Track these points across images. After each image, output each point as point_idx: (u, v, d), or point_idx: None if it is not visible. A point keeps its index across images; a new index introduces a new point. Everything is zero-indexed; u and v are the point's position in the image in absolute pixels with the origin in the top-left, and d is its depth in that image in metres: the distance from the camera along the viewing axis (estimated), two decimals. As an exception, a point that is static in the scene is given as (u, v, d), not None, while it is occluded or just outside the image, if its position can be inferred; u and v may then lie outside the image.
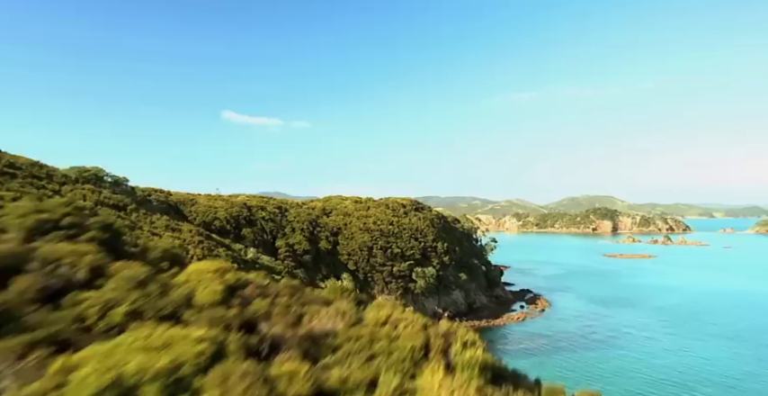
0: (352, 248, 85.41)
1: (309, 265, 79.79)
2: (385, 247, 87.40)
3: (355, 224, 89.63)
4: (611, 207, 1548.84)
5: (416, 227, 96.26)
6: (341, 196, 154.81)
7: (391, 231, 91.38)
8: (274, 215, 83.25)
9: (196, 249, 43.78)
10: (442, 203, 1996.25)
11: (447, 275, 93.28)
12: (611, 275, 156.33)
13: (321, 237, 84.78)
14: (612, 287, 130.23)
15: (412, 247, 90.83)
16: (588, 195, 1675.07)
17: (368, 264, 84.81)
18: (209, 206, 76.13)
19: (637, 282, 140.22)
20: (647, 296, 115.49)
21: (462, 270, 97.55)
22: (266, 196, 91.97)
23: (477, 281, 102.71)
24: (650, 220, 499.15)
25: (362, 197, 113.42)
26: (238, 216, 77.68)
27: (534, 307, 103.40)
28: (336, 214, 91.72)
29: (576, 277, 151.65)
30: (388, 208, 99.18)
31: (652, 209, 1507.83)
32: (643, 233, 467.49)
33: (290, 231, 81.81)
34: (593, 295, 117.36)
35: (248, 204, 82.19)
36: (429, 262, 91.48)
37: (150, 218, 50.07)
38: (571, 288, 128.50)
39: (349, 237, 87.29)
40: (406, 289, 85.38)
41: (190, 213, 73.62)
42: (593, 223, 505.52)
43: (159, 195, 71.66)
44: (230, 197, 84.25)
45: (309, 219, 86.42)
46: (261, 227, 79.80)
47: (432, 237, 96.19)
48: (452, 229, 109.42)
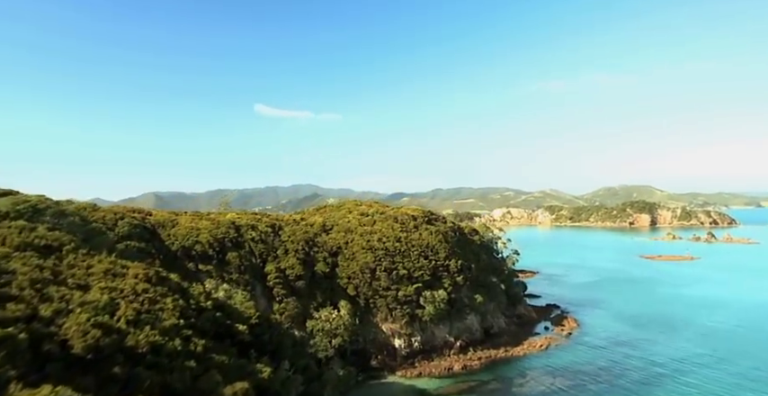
0: (353, 271, 77.11)
1: (303, 291, 71.95)
2: (390, 269, 78.77)
3: (358, 242, 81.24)
4: (649, 198, 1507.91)
5: (427, 243, 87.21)
6: (356, 201, 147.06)
7: (398, 250, 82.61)
8: (266, 235, 75.59)
9: (129, 308, 36.28)
10: (475, 194, 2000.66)
11: (460, 298, 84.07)
12: (649, 284, 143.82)
13: (318, 258, 76.75)
14: (650, 301, 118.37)
15: (421, 268, 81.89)
16: (625, 185, 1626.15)
17: (370, 288, 76.38)
18: (190, 228, 68.97)
19: (678, 293, 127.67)
20: (691, 314, 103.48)
21: (478, 290, 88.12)
22: (259, 213, 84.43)
23: (496, 300, 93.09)
24: (692, 213, 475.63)
25: (373, 207, 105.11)
26: (224, 238, 70.32)
27: (560, 329, 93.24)
28: (337, 231, 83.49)
29: (609, 286, 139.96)
30: (397, 221, 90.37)
31: (693, 199, 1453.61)
32: (684, 228, 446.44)
33: (282, 254, 74.04)
34: (628, 313, 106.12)
35: (237, 224, 74.76)
36: (440, 283, 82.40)
37: (90, 260, 42.81)
38: (603, 302, 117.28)
39: (350, 257, 78.99)
40: (413, 316, 76.65)
41: (168, 237, 66.61)
42: (630, 217, 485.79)
43: (133, 219, 64.72)
44: (218, 215, 76.98)
45: (306, 238, 78.46)
46: (249, 249, 72.30)
47: (444, 254, 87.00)
48: (469, 243, 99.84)
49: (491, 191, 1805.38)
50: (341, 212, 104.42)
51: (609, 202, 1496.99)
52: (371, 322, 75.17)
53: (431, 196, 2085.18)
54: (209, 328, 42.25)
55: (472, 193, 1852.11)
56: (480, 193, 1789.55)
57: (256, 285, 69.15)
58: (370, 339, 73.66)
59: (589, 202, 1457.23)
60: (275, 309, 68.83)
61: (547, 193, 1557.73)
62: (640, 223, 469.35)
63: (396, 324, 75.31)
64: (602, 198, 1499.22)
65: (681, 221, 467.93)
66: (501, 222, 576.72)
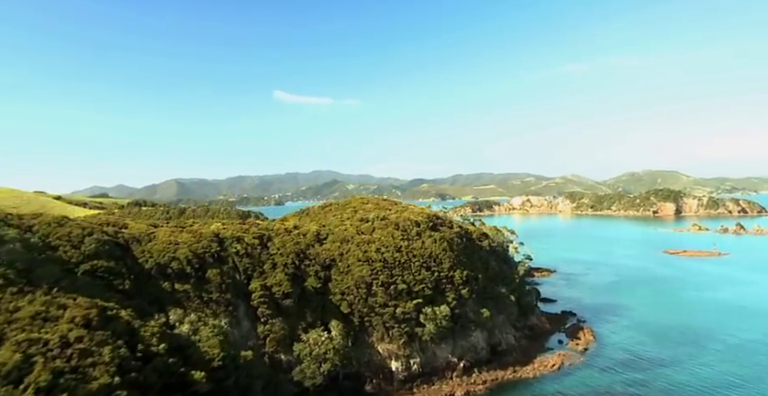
0: (347, 286, 71.17)
1: (291, 310, 66.33)
2: (388, 283, 72.62)
3: (354, 253, 75.16)
4: (674, 183, 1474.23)
5: (430, 252, 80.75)
6: (363, 199, 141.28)
7: (397, 261, 76.35)
8: (252, 248, 69.94)
9: (46, 370, 30.73)
10: (495, 180, 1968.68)
11: (465, 313, 77.67)
12: (673, 285, 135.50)
13: (309, 272, 70.95)
14: (673, 307, 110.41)
15: (422, 281, 75.56)
16: (650, 170, 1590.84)
17: (365, 304, 70.41)
18: (168, 243, 63.59)
19: (705, 297, 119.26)
20: (718, 324, 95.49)
21: (486, 303, 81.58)
22: (248, 223, 78.76)
23: (506, 313, 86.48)
24: (719, 201, 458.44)
25: (374, 210, 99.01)
26: (204, 253, 64.85)
27: (575, 343, 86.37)
28: (332, 241, 77.46)
29: (629, 288, 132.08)
30: (398, 228, 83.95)
31: (721, 184, 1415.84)
32: (711, 217, 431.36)
33: (269, 269, 68.36)
34: (649, 322, 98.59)
35: (221, 236, 69.20)
36: (442, 297, 76.08)
37: (19, 301, 37.30)
38: (622, 308, 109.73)
39: (344, 271, 73.02)
40: (412, 335, 70.59)
41: (142, 254, 61.37)
42: (654, 206, 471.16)
43: (103, 234, 59.46)
44: (201, 226, 71.47)
45: (297, 250, 72.64)
46: (233, 265, 66.79)
47: (448, 264, 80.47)
48: (477, 249, 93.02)
49: (511, 176, 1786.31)
50: (346, 211, 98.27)
51: (632, 187, 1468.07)
52: (366, 343, 69.40)
53: (450, 182, 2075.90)
54: (155, 380, 36.66)
55: (492, 178, 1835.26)
56: (500, 178, 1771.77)
57: (239, 305, 63.74)
58: (364, 362, 67.97)
59: (612, 187, 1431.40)
60: (260, 331, 63.45)
61: (568, 179, 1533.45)
62: (664, 212, 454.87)
63: (393, 344, 69.41)
64: (626, 184, 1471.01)
65: (707, 210, 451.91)
66: (521, 211, 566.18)
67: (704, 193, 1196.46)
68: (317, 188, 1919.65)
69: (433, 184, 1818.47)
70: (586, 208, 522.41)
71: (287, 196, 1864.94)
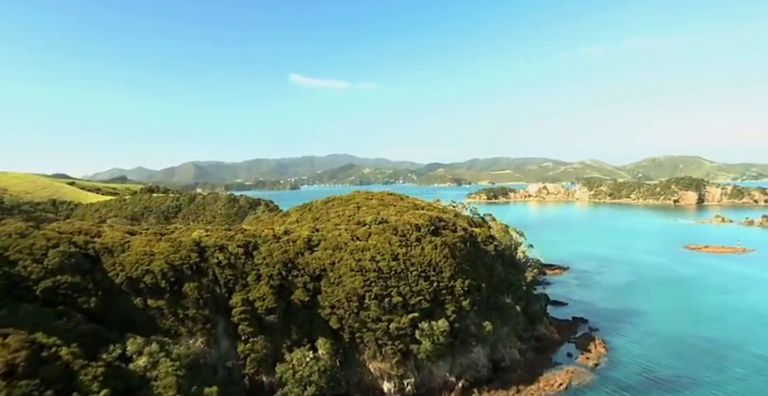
0: (338, 298, 66.19)
1: (276, 326, 61.65)
2: (381, 296, 67.46)
3: (346, 262, 69.98)
4: (697, 169, 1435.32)
5: (429, 259, 75.23)
6: (367, 194, 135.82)
7: (394, 270, 71.02)
8: (236, 258, 65.11)
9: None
10: (512, 165, 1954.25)
11: (466, 326, 72.35)
12: (693, 287, 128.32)
13: (297, 284, 66.03)
14: (693, 314, 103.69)
15: (419, 292, 70.25)
16: (672, 156, 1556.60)
17: (356, 319, 65.46)
18: (143, 253, 59.03)
19: (729, 303, 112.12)
20: (746, 337, 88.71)
21: (489, 315, 76.11)
22: (234, 229, 73.73)
23: (510, 324, 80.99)
24: (744, 190, 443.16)
25: (372, 210, 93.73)
26: (182, 264, 60.21)
27: (585, 357, 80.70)
28: (323, 248, 72.29)
29: (646, 290, 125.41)
30: (396, 233, 78.42)
31: (746, 170, 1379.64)
32: (735, 206, 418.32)
33: (253, 281, 63.58)
34: (666, 332, 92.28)
35: (203, 244, 64.45)
36: (441, 310, 70.75)
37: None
38: (638, 315, 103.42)
39: (335, 282, 67.98)
40: (406, 353, 65.63)
41: (113, 267, 56.91)
42: (675, 194, 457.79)
43: (71, 246, 55.03)
44: (182, 233, 66.66)
45: (284, 259, 67.67)
46: (213, 277, 62.11)
47: (449, 272, 74.94)
48: (482, 254, 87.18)
49: (529, 161, 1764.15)
50: (348, 207, 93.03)
51: (653, 173, 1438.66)
52: (357, 361, 64.63)
53: (467, 167, 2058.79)
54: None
55: (509, 163, 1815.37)
56: (518, 163, 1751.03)
57: (218, 322, 59.23)
58: (354, 382, 63.32)
59: (632, 173, 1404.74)
60: (240, 350, 58.98)
61: (587, 164, 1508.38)
62: (686, 201, 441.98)
63: (385, 363, 64.55)
64: (646, 170, 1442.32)
65: (731, 199, 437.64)
66: (537, 198, 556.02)
67: (728, 179, 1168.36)
68: (332, 172, 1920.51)
69: (450, 168, 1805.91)
70: (605, 196, 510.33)
71: (303, 180, 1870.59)
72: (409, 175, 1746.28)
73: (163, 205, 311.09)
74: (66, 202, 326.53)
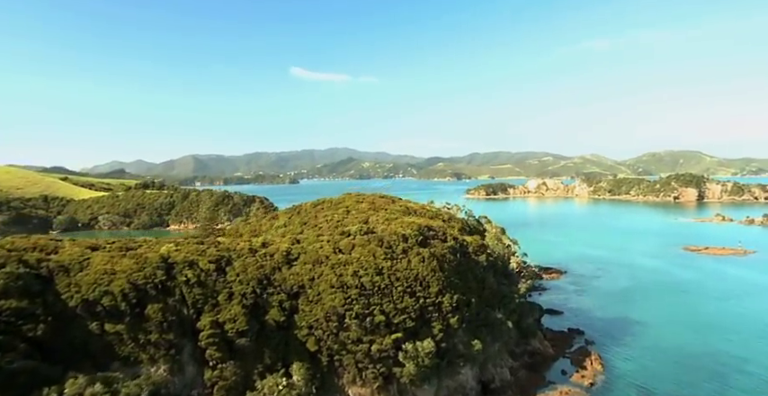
0: (316, 318, 61.99)
1: (247, 350, 57.44)
2: (363, 314, 63.28)
3: (327, 278, 65.75)
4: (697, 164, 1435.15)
5: (416, 273, 71.05)
6: (358, 197, 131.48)
7: (377, 286, 66.85)
8: (207, 274, 60.82)
9: None
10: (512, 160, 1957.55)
11: (453, 345, 68.27)
12: (694, 294, 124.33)
13: (272, 303, 61.79)
14: (695, 324, 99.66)
15: (404, 310, 66.09)
16: (672, 151, 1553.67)
17: (336, 340, 61.33)
18: (103, 272, 54.72)
19: (731, 311, 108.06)
20: (749, 351, 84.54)
21: (478, 332, 72.01)
22: (207, 242, 69.21)
23: (502, 340, 76.96)
24: (744, 187, 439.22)
25: (358, 226, 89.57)
26: (146, 283, 55.91)
27: (581, 375, 76.71)
28: (303, 262, 67.99)
29: (644, 297, 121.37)
30: (382, 244, 74.10)
31: (746, 165, 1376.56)
32: (735, 203, 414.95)
33: (224, 300, 59.32)
34: (666, 345, 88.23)
35: (171, 260, 60.14)
36: (427, 329, 66.64)
37: None
38: (635, 326, 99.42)
39: (313, 299, 63.76)
40: (389, 377, 61.54)
41: (67, 288, 52.59)
42: (675, 191, 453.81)
43: (19, 266, 50.68)
44: (148, 249, 62.26)
45: (260, 275, 63.40)
46: (180, 297, 57.83)
47: (437, 287, 70.79)
48: (472, 265, 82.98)
49: (529, 156, 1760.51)
50: (338, 211, 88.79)
51: (653, 168, 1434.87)
52: (335, 386, 60.50)
53: (467, 161, 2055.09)
54: None
55: (510, 157, 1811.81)
56: (518, 158, 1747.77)
57: (184, 346, 55.01)
58: (331, 409, 59.25)
59: (632, 168, 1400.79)
60: (207, 377, 54.80)
61: (587, 159, 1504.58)
62: (686, 198, 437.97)
63: (366, 388, 60.47)
64: (646, 164, 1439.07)
65: (731, 196, 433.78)
66: (536, 194, 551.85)
67: (728, 174, 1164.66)
68: (332, 166, 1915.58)
69: (450, 162, 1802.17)
70: (604, 192, 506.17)
71: (302, 173, 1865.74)
72: (409, 170, 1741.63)
73: (156, 202, 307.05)
74: (58, 198, 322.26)
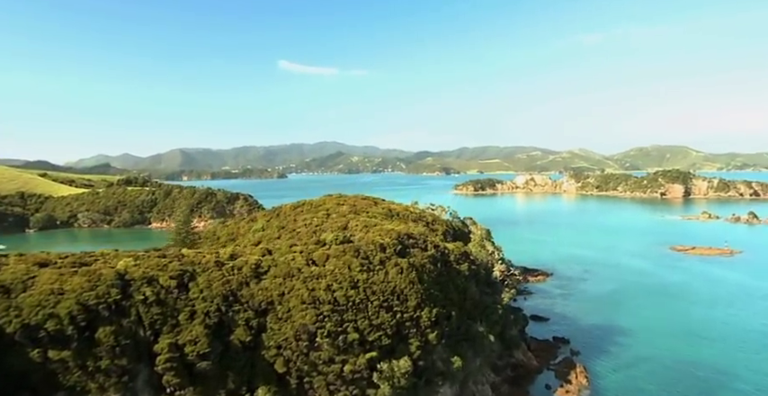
0: (285, 337, 58.20)
1: (209, 374, 53.55)
2: (335, 332, 59.60)
3: (298, 292, 61.94)
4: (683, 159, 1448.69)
5: (393, 286, 67.49)
6: (339, 200, 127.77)
7: (352, 301, 63.19)
8: (167, 292, 56.70)
9: None
10: (501, 154, 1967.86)
11: (432, 362, 64.94)
12: (681, 297, 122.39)
13: (238, 321, 57.87)
14: (683, 332, 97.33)
15: (380, 326, 62.55)
16: (658, 145, 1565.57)
17: (306, 361, 57.64)
18: (49, 292, 50.41)
19: (720, 318, 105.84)
20: (737, 362, 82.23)
21: (459, 347, 68.72)
22: (170, 255, 64.89)
23: (483, 355, 73.80)
24: (730, 183, 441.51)
25: (334, 234, 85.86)
26: (98, 304, 51.72)
27: (565, 390, 73.82)
28: (273, 276, 64.08)
29: (631, 302, 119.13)
30: (358, 255, 70.37)
31: (731, 160, 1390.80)
32: (721, 200, 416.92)
33: (185, 320, 55.26)
34: (653, 355, 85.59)
35: (128, 276, 55.92)
36: (404, 346, 63.19)
37: None
38: (622, 334, 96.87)
39: (283, 317, 59.94)
40: (362, 399, 58.05)
41: (5, 312, 48.21)
42: (662, 187, 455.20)
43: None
44: (104, 264, 57.90)
45: (225, 291, 59.40)
46: (137, 317, 53.70)
47: (415, 301, 67.31)
48: (454, 275, 79.58)
49: (518, 150, 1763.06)
50: (318, 214, 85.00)
51: (640, 163, 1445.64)
52: (304, 410, 56.92)
53: (456, 155, 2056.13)
54: None
55: (498, 152, 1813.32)
56: (507, 152, 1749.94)
57: (139, 372, 50.95)
58: (300, 435, 55.68)
59: (619, 163, 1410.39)
60: (164, 405, 50.93)
61: (575, 154, 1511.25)
62: (673, 194, 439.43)
63: (338, 412, 56.94)
64: (633, 159, 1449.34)
65: (717, 192, 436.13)
66: (524, 190, 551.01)
67: (714, 168, 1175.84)
68: (321, 160, 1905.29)
69: (439, 157, 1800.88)
70: (592, 188, 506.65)
71: (291, 168, 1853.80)
72: (398, 164, 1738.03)
73: (137, 199, 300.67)
74: (36, 195, 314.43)
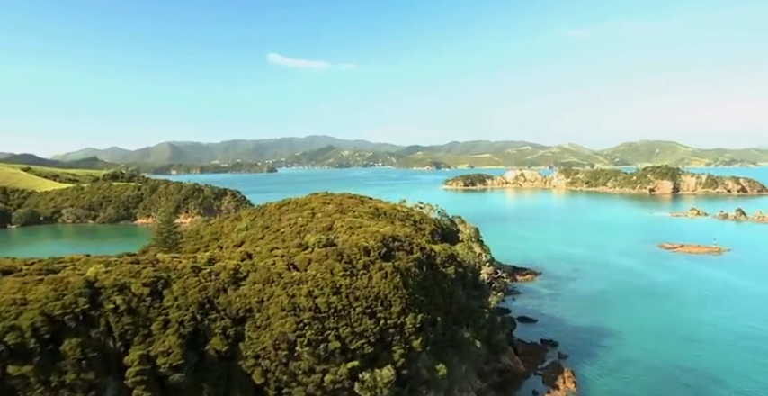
0: (264, 346, 56.08)
1: (183, 386, 51.36)
2: (316, 341, 57.60)
3: (278, 299, 59.77)
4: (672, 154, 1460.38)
5: (377, 291, 65.55)
6: (324, 198, 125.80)
7: (333, 307, 61.15)
8: (140, 300, 54.27)
9: None
10: (491, 149, 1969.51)
11: (417, 370, 63.20)
12: (669, 298, 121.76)
13: (214, 330, 55.63)
14: (671, 334, 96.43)
15: (362, 333, 60.63)
16: (648, 141, 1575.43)
17: (285, 371, 55.60)
18: (11, 302, 47.80)
19: (706, 319, 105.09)
20: (725, 366, 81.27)
21: (444, 353, 67.05)
22: (143, 261, 62.24)
23: (469, 361, 72.20)
24: (718, 180, 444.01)
25: (317, 237, 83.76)
26: (64, 314, 49.23)
27: (552, 396, 72.55)
28: (252, 282, 61.82)
29: (619, 302, 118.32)
30: (341, 259, 68.24)
31: (719, 155, 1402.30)
32: (709, 196, 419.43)
33: (158, 329, 52.91)
34: (642, 359, 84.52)
35: (98, 284, 53.41)
36: (387, 354, 61.35)
37: None
38: (610, 336, 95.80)
39: (262, 325, 57.78)
40: (343, 410, 56.18)
41: (-32, 325, 45.63)
42: (651, 183, 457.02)
43: None
44: (73, 271, 55.31)
45: (201, 298, 57.07)
46: (106, 327, 51.28)
47: (399, 306, 65.46)
48: (440, 278, 77.74)
49: (508, 145, 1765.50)
50: (303, 214, 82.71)
51: (629, 158, 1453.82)
52: (283, 422, 54.95)
53: (446, 150, 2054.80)
54: None
55: (489, 147, 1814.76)
56: (497, 147, 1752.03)
57: (107, 386, 48.63)
58: (278, 449, 53.73)
59: (609, 158, 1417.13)
60: (134, 420, 48.68)
61: (565, 149, 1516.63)
62: (661, 190, 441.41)
63: (317, 424, 55.04)
64: (623, 154, 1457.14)
65: (706, 189, 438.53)
66: (514, 185, 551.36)
67: (702, 164, 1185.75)
68: (311, 154, 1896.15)
69: (429, 151, 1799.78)
70: (581, 183, 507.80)
71: (281, 162, 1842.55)
72: (389, 158, 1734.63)
73: (123, 195, 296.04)
74: (19, 190, 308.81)
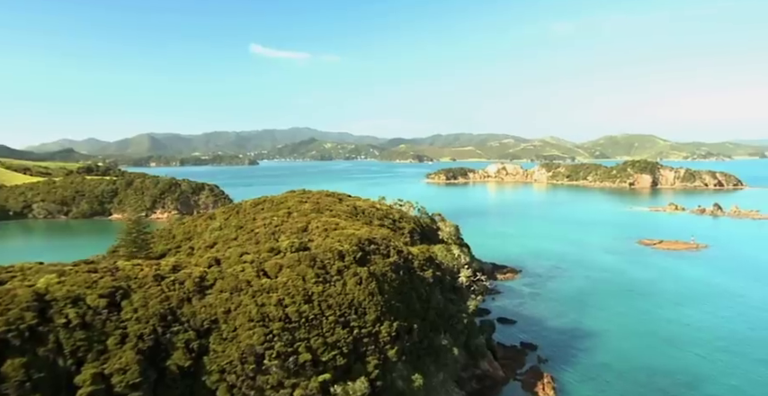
0: (230, 360, 53.18)
1: (142, 405, 48.28)
2: (286, 353, 54.87)
3: (246, 309, 56.83)
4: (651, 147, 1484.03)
5: (351, 299, 62.97)
6: (301, 197, 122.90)
7: (305, 317, 58.43)
8: (95, 313, 50.86)
9: None
10: (474, 141, 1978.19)
11: (392, 381, 60.91)
12: (648, 297, 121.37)
13: (176, 344, 52.51)
14: (650, 336, 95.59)
15: (335, 344, 58.07)
16: (627, 134, 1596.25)
17: (252, 386, 52.81)
18: (-47, 321, 44.12)
19: (684, 319, 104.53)
20: (704, 370, 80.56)
21: (420, 363, 64.93)
22: (102, 270, 58.56)
23: (447, 369, 70.18)
24: (696, 174, 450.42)
25: (289, 241, 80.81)
26: (8, 332, 45.66)
27: (531, 403, 71.00)
28: (219, 290, 58.72)
29: (598, 302, 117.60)
30: (314, 264, 65.42)
31: (696, 149, 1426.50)
32: (687, 190, 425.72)
33: (114, 345, 49.62)
34: (621, 362, 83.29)
35: (49, 296, 49.84)
36: (361, 365, 58.93)
37: None
38: (589, 338, 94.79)
39: (228, 337, 54.82)
40: (314, 426, 53.67)
41: None
42: (631, 177, 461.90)
43: None
44: (25, 279, 51.57)
45: (163, 309, 53.84)
46: (56, 344, 47.84)
47: (374, 314, 63.00)
48: (417, 283, 75.42)
49: (491, 138, 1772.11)
50: (279, 213, 79.52)
51: (610, 151, 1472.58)
52: (250, 441, 52.26)
53: (429, 142, 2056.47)
54: None
55: (471, 139, 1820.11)
56: (479, 140, 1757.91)
57: (58, 408, 45.37)
58: (244, 469, 51.08)
59: (589, 151, 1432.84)
60: (87, 444, 45.51)
61: (546, 142, 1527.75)
62: (641, 184, 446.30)
63: (286, 441, 52.49)
64: (603, 147, 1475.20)
65: (684, 182, 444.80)
66: (496, 179, 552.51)
67: (680, 157, 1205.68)
68: (293, 146, 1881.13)
69: (412, 144, 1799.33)
70: (562, 177, 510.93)
71: (263, 154, 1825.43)
72: (371, 151, 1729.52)
73: (97, 189, 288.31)
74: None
